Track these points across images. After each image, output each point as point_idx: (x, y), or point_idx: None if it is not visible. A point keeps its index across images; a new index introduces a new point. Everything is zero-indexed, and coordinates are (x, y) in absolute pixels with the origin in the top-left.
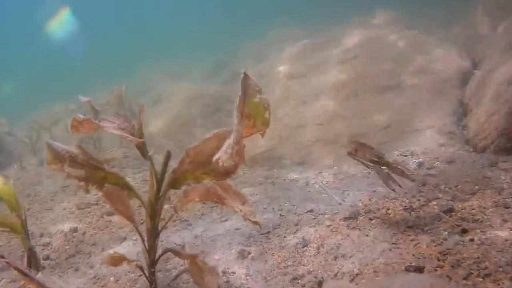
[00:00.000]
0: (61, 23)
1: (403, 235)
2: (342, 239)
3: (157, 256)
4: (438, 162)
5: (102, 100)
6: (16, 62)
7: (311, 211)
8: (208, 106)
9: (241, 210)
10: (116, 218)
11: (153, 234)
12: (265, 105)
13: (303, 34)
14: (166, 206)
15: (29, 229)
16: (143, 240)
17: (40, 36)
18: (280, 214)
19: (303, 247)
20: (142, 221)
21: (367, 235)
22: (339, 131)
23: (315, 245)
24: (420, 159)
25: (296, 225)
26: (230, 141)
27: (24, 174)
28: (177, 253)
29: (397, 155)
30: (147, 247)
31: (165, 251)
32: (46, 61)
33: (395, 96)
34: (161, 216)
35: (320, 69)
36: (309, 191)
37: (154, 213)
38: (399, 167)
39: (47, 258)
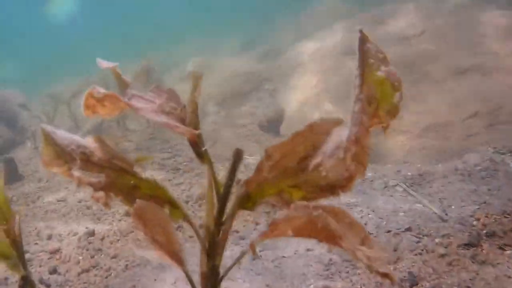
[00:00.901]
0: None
1: None
2: (470, 279)
3: None
4: None
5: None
6: (29, 35)
7: (410, 229)
8: (243, 84)
9: (366, 258)
10: (153, 254)
11: (211, 281)
12: (396, 83)
13: (350, 8)
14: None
15: (35, 226)
16: None
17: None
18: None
19: (410, 287)
20: (179, 227)
21: (510, 277)
22: (414, 118)
23: (428, 285)
24: None
25: (395, 250)
26: (341, 136)
27: (37, 154)
28: None
29: (492, 152)
30: None
31: None
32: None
33: (479, 79)
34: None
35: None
36: (391, 196)
37: (213, 248)
38: None
39: (54, 271)
